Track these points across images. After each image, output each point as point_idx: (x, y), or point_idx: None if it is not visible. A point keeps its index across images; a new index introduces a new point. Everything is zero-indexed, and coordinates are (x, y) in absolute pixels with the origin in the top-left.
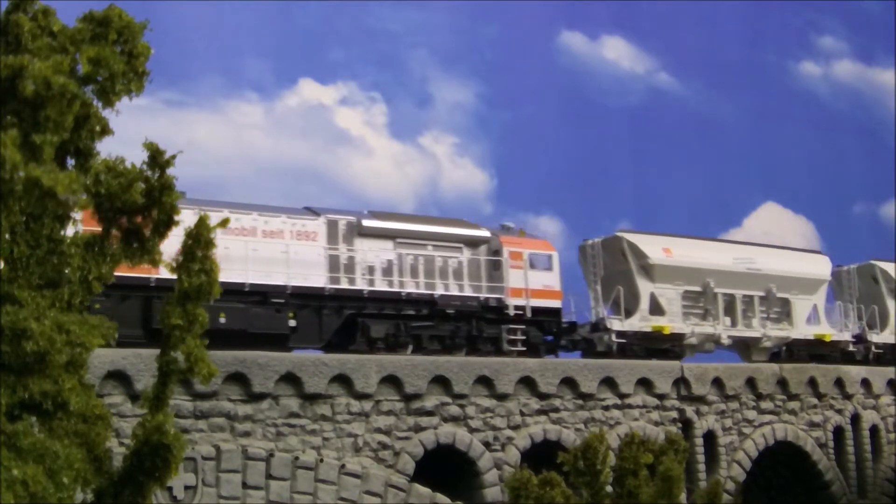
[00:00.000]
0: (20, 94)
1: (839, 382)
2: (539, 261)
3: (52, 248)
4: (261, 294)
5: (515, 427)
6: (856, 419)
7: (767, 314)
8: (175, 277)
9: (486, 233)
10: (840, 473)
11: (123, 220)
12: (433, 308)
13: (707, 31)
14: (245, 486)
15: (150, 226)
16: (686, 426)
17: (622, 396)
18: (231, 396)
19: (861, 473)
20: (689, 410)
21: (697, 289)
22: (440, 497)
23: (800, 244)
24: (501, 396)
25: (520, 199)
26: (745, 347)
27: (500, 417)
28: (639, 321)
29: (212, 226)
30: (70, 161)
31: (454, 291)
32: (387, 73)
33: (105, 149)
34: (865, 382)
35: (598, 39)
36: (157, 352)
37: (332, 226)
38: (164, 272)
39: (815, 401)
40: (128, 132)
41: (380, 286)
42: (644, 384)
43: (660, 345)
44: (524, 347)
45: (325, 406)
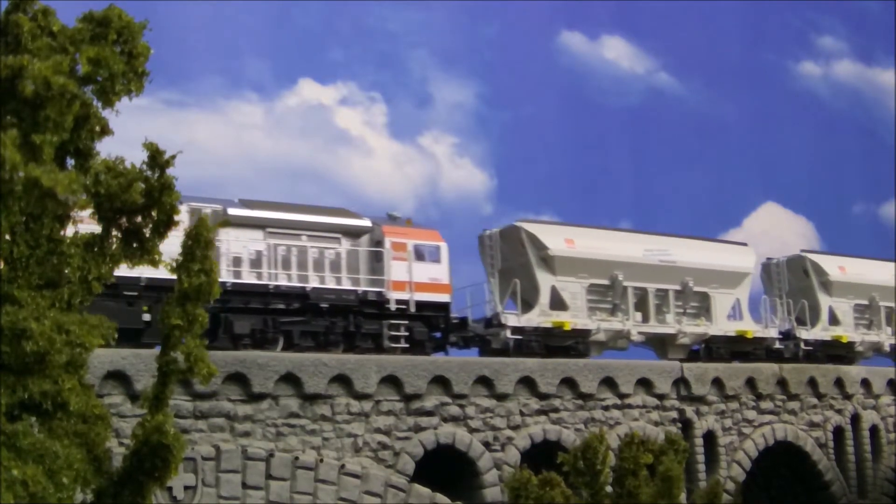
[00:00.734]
0: (20, 94)
1: (839, 382)
2: (426, 252)
3: (52, 248)
4: (112, 287)
5: (515, 427)
6: (856, 419)
7: (684, 309)
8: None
9: (367, 222)
10: (840, 473)
11: (123, 220)
12: (305, 302)
13: (707, 31)
14: (245, 487)
15: (150, 226)
16: (686, 426)
17: (622, 396)
18: (231, 396)
19: (861, 473)
20: (689, 410)
21: (604, 282)
22: (440, 497)
23: (800, 244)
24: (501, 396)
25: (520, 199)
26: (661, 344)
27: (500, 417)
28: (538, 316)
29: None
30: (70, 161)
31: (330, 284)
32: (386, 73)
33: (105, 149)
34: (865, 382)
35: (598, 39)
36: (157, 352)
37: (196, 214)
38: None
39: (815, 401)
40: (128, 132)
41: (247, 279)
42: (644, 384)
43: (562, 342)
44: (407, 345)
45: (325, 406)
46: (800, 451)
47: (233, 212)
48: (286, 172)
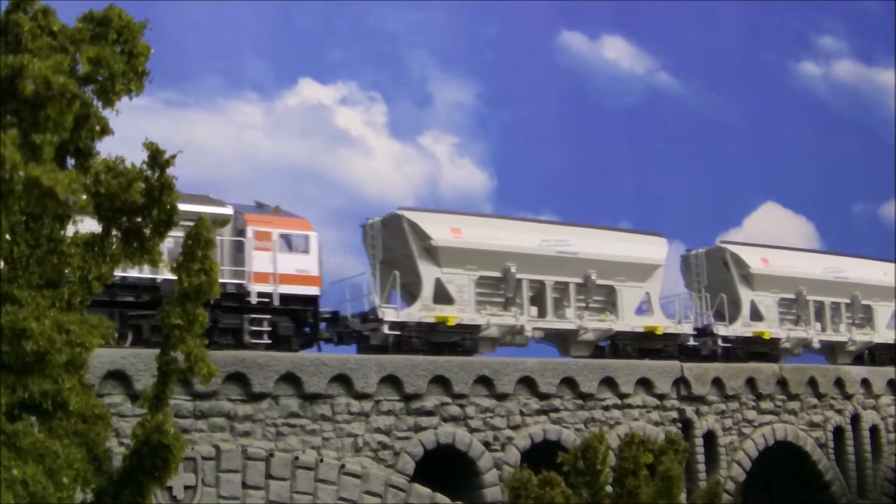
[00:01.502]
0: (20, 94)
1: (839, 382)
2: (293, 242)
3: (52, 248)
4: None
5: (515, 427)
6: (856, 419)
7: (586, 303)
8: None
9: (229, 210)
10: (840, 473)
11: (123, 220)
12: (156, 294)
13: (707, 31)
14: (245, 486)
15: (150, 225)
16: (686, 426)
17: (622, 396)
18: (231, 396)
19: (861, 473)
20: (689, 410)
21: (496, 274)
22: (440, 497)
23: (800, 244)
24: (501, 396)
25: (520, 199)
26: (563, 341)
27: (500, 417)
28: (419, 311)
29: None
30: (70, 161)
31: None
32: (386, 73)
33: (105, 148)
34: (865, 382)
35: (598, 39)
36: (157, 352)
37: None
38: None
39: (815, 401)
40: (128, 132)
41: None
42: (644, 384)
43: (447, 338)
44: (270, 340)
45: (325, 406)
46: (800, 451)
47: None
48: (286, 172)
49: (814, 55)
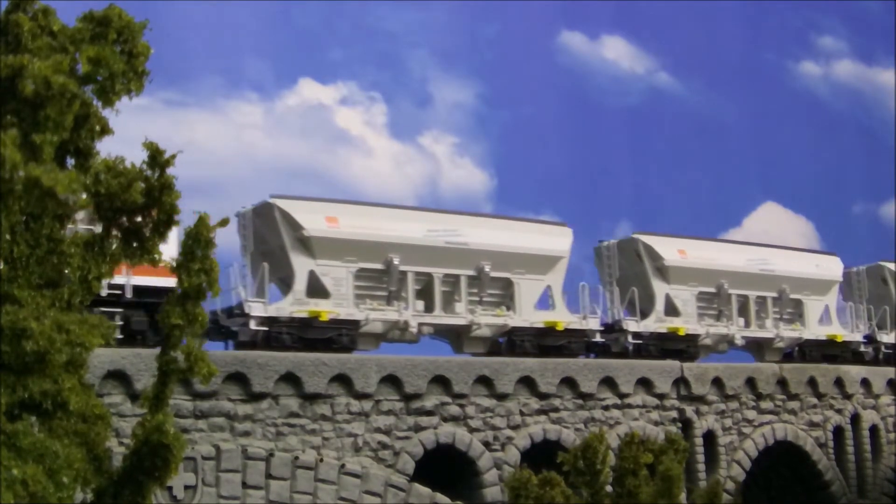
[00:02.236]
0: (20, 94)
1: (839, 382)
2: None
3: (52, 248)
4: None
5: (515, 427)
6: (855, 419)
7: (480, 298)
8: None
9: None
10: (840, 473)
11: (123, 220)
12: None
13: (707, 31)
14: (245, 486)
15: (150, 225)
16: (686, 426)
17: (622, 396)
18: (231, 396)
19: (861, 473)
20: (689, 410)
21: (378, 266)
22: (440, 497)
23: (800, 244)
24: (501, 396)
25: (520, 199)
26: (456, 337)
27: (500, 417)
28: (290, 305)
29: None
30: (70, 161)
31: None
32: (386, 73)
33: (105, 148)
34: (865, 382)
35: (598, 39)
36: (157, 351)
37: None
38: None
39: (815, 400)
40: (128, 132)
41: None
42: (644, 384)
43: (322, 334)
44: (122, 335)
45: (325, 406)
46: (800, 451)
47: None
48: (286, 172)
49: (814, 55)
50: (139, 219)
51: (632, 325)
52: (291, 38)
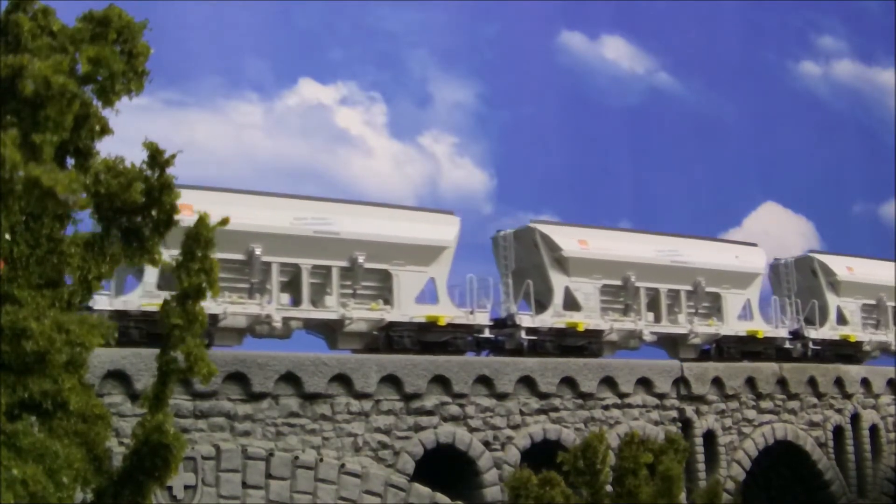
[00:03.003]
0: (20, 94)
1: (839, 382)
2: None
3: (52, 248)
4: None
5: (515, 426)
6: (855, 419)
7: (353, 290)
8: None
9: None
10: (840, 473)
11: (123, 220)
12: None
13: (707, 31)
14: (245, 486)
15: (150, 225)
16: (686, 426)
17: (622, 396)
18: (231, 396)
19: (861, 473)
20: (689, 410)
21: (238, 257)
22: (440, 497)
23: (800, 244)
24: (501, 396)
25: (520, 199)
26: (330, 332)
27: (500, 417)
28: (139, 298)
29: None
30: (70, 161)
31: None
32: (386, 73)
33: (105, 148)
34: (865, 382)
35: (598, 39)
36: (157, 351)
37: None
38: None
39: (815, 400)
40: (128, 132)
41: None
42: (644, 384)
43: (164, 329)
44: None
45: (325, 405)
46: (800, 451)
47: None
48: (286, 172)
49: (814, 55)
50: (139, 219)
51: (526, 321)
52: (291, 38)
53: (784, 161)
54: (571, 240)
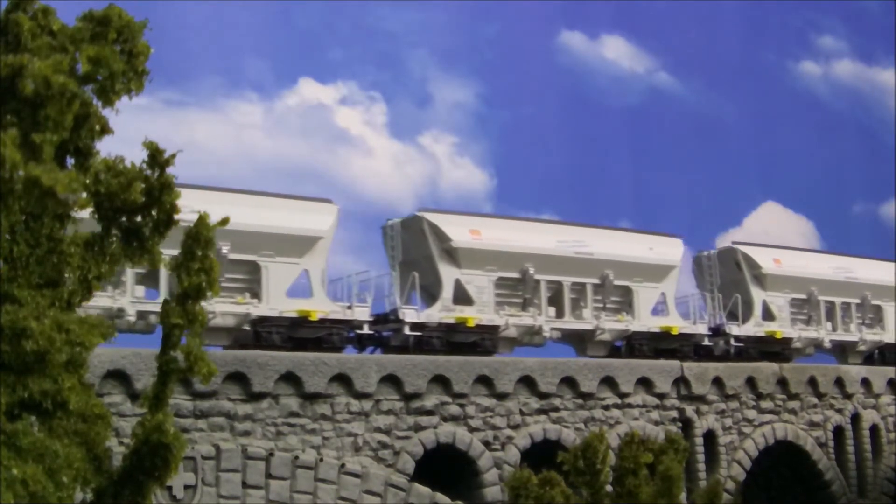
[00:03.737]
0: (20, 94)
1: (839, 382)
2: None
3: (52, 248)
4: None
5: (515, 426)
6: (856, 419)
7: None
8: None
9: None
10: (840, 473)
11: (123, 220)
12: None
13: (707, 31)
14: (245, 486)
15: (150, 225)
16: (686, 426)
17: (622, 396)
18: (231, 396)
19: (861, 473)
20: (689, 410)
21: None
22: (440, 496)
23: (800, 244)
24: (501, 396)
25: (520, 199)
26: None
27: (500, 417)
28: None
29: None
30: (70, 160)
31: None
32: (386, 73)
33: (105, 148)
34: (865, 382)
35: (598, 39)
36: (157, 351)
37: None
38: None
39: (815, 400)
40: (128, 131)
41: None
42: (644, 383)
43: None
44: None
45: (325, 405)
46: (800, 451)
47: None
48: (286, 172)
49: (814, 55)
50: (139, 218)
51: (410, 315)
52: (291, 38)
53: (784, 161)
54: (462, 229)
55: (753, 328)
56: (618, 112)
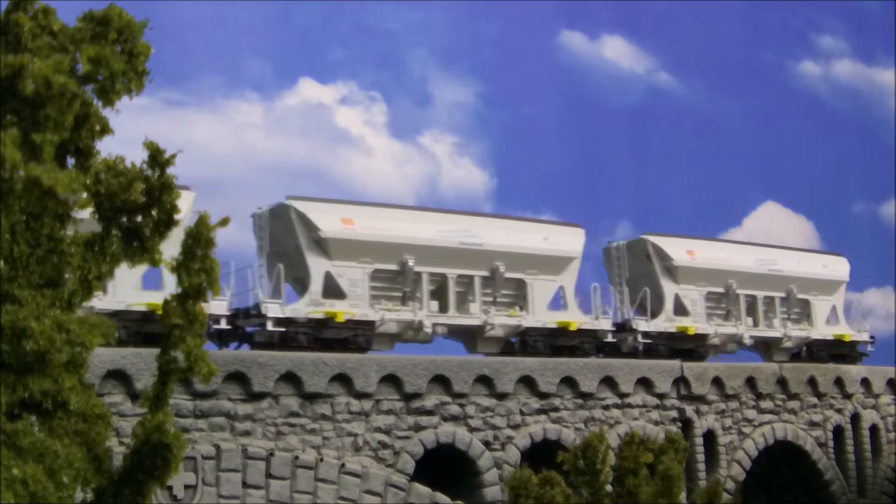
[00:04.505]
0: (20, 94)
1: (839, 382)
2: None
3: (53, 248)
4: None
5: (515, 426)
6: (855, 418)
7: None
8: None
9: None
10: (840, 473)
11: (124, 219)
12: None
13: (707, 31)
14: (245, 486)
15: (151, 225)
16: (686, 425)
17: (622, 396)
18: (231, 396)
19: (861, 473)
20: (689, 410)
21: None
22: (440, 496)
23: (799, 243)
24: (501, 396)
25: (520, 199)
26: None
27: (500, 417)
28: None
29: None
30: (70, 160)
31: None
32: (386, 73)
33: (105, 148)
34: (865, 382)
35: (598, 39)
36: (157, 351)
37: None
38: None
39: (815, 400)
40: (128, 131)
41: None
42: (644, 383)
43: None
44: None
45: (325, 405)
46: (800, 451)
47: None
48: (286, 172)
49: (814, 55)
50: (139, 218)
51: (273, 310)
52: (291, 38)
53: (784, 161)
54: (332, 217)
55: (664, 323)
56: (618, 112)
